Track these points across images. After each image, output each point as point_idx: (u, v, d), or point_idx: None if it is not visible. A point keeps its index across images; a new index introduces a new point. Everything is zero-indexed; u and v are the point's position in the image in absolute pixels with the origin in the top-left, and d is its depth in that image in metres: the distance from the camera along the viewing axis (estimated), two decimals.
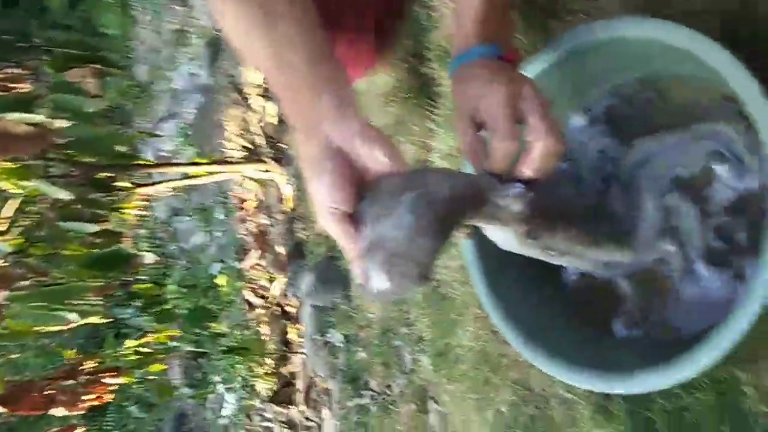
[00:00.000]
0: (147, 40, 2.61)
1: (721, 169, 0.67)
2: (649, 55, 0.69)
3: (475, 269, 0.80)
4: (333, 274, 1.33)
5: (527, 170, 0.58)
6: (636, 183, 0.72)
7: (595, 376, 0.68)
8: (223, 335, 1.99)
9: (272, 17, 0.52)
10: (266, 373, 1.93)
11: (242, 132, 2.09)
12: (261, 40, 0.53)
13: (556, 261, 0.70)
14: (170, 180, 2.07)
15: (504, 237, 0.62)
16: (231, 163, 1.96)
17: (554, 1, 0.84)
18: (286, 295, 1.90)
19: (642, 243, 0.70)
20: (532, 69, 0.73)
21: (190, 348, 1.72)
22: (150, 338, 1.95)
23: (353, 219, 0.52)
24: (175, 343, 1.77)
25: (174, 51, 2.43)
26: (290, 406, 1.74)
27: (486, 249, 0.78)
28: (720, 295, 0.67)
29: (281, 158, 1.81)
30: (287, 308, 1.94)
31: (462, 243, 0.80)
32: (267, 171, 1.86)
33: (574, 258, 0.71)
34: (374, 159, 0.52)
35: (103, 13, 2.56)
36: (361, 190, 0.53)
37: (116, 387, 1.75)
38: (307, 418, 1.64)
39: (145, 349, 1.89)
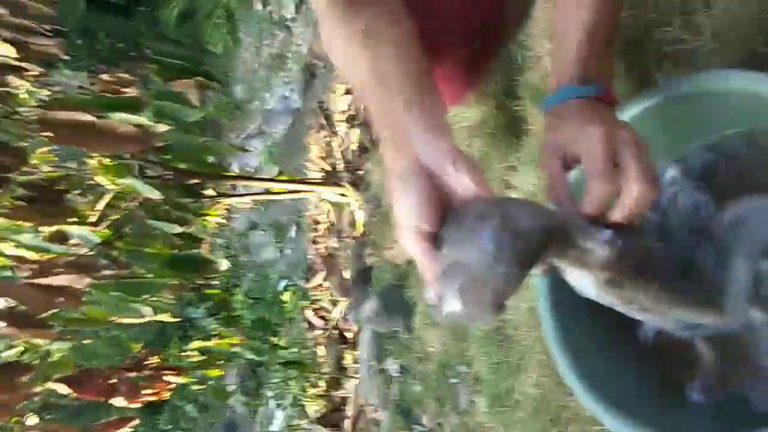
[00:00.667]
0: (248, 61, 2.74)
1: None
2: (755, 111, 0.66)
3: (547, 313, 0.77)
4: (396, 301, 1.33)
5: (618, 215, 0.56)
6: (728, 244, 0.69)
7: None
8: (282, 348, 2.01)
9: (375, 37, 0.54)
10: (318, 395, 1.93)
11: (324, 155, 2.14)
12: (362, 56, 0.54)
13: (636, 315, 0.67)
14: (252, 194, 2.14)
15: (584, 282, 0.60)
16: (310, 183, 2.00)
17: (659, 46, 0.82)
18: (346, 320, 1.91)
19: (729, 307, 0.66)
20: (627, 114, 0.71)
21: (249, 357, 1.75)
22: (213, 343, 2.00)
23: (434, 240, 0.52)
24: (236, 350, 1.80)
25: (271, 73, 2.54)
26: (337, 431, 1.73)
27: (561, 294, 0.76)
28: None
29: (359, 184, 1.84)
30: (346, 333, 1.95)
31: (536, 284, 0.78)
32: (343, 195, 1.89)
33: (656, 314, 0.68)
34: (461, 183, 0.51)
35: (211, 32, 2.71)
36: (445, 213, 0.52)
37: (175, 385, 1.80)
38: None
39: (207, 354, 1.93)
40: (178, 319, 1.87)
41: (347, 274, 1.91)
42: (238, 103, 2.66)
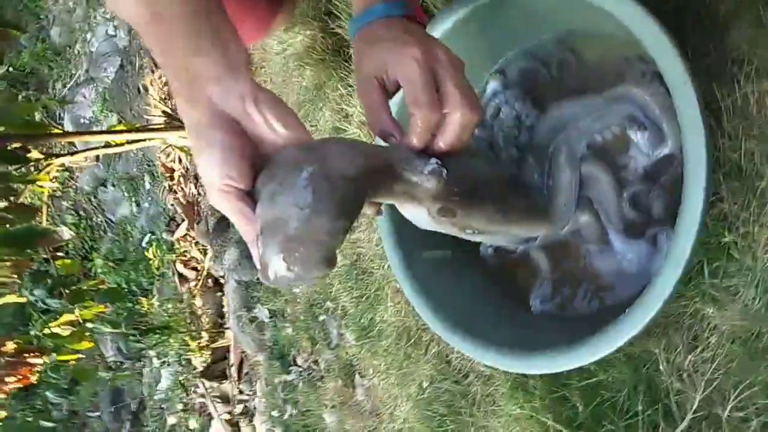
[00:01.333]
0: (60, 0, 2.43)
1: (636, 135, 0.63)
2: (563, 12, 0.64)
3: (391, 247, 0.75)
4: None
5: (442, 144, 0.53)
6: (551, 151, 0.68)
7: (511, 356, 0.65)
8: (152, 311, 1.92)
9: None
10: (200, 347, 1.87)
11: (164, 97, 1.97)
12: None
13: (473, 238, 0.66)
14: (88, 149, 1.95)
15: (418, 215, 0.58)
16: (153, 129, 1.85)
17: None
18: (217, 269, 1.83)
19: (559, 215, 0.67)
20: (439, 28, 0.67)
21: (116, 329, 1.64)
22: (75, 316, 1.86)
23: (250, 197, 0.46)
24: (101, 324, 1.68)
25: (89, 10, 2.27)
26: (223, 381, 1.69)
27: (401, 223, 0.74)
28: (636, 268, 0.65)
29: None
30: (221, 280, 1.88)
31: (379, 221, 0.75)
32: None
33: (491, 235, 0.67)
34: (269, 127, 0.45)
35: None
36: (258, 164, 0.46)
37: (40, 367, 1.67)
38: (241, 392, 1.60)
39: (71, 328, 1.80)
40: (32, 298, 1.71)
41: (212, 222, 1.82)
42: (57, 48, 2.37)
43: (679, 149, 0.61)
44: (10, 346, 1.69)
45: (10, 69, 2.32)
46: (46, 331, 1.64)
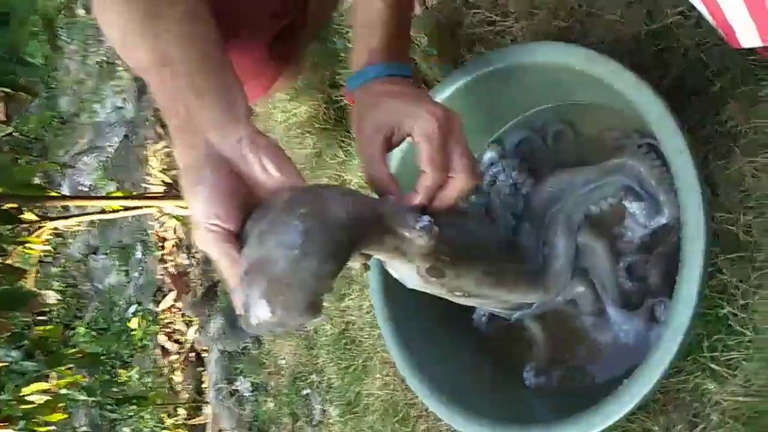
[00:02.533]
0: (73, 71, 2.51)
1: (632, 206, 0.63)
2: (563, 84, 0.66)
3: (381, 311, 0.73)
4: None
5: (438, 204, 0.53)
6: (548, 220, 0.68)
7: (504, 430, 0.62)
8: (130, 382, 1.84)
9: (157, 10, 0.46)
10: (176, 425, 1.79)
11: (165, 167, 1.99)
12: (142, 34, 0.46)
13: (463, 301, 0.65)
14: (84, 214, 1.94)
15: (407, 274, 0.56)
16: (150, 197, 1.85)
17: (469, 30, 0.81)
18: (201, 341, 1.78)
19: (553, 283, 0.66)
20: (440, 96, 0.69)
21: (91, 397, 1.57)
22: (51, 385, 1.79)
23: (237, 240, 0.45)
24: (76, 391, 1.61)
25: (100, 83, 2.34)
26: None
27: (394, 289, 0.72)
28: (633, 340, 0.63)
29: None
30: (203, 354, 1.82)
31: (370, 283, 0.74)
32: (187, 207, 1.76)
33: (482, 299, 0.65)
34: (264, 171, 0.45)
35: (27, 41, 2.45)
36: (249, 208, 0.45)
37: None
38: None
39: (45, 396, 1.73)
40: (8, 359, 1.64)
41: (201, 292, 1.79)
42: (64, 116, 2.42)
43: (676, 219, 0.60)
44: None
45: (15, 133, 2.36)
46: (19, 395, 1.57)
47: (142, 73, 0.49)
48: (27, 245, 1.73)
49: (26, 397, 1.69)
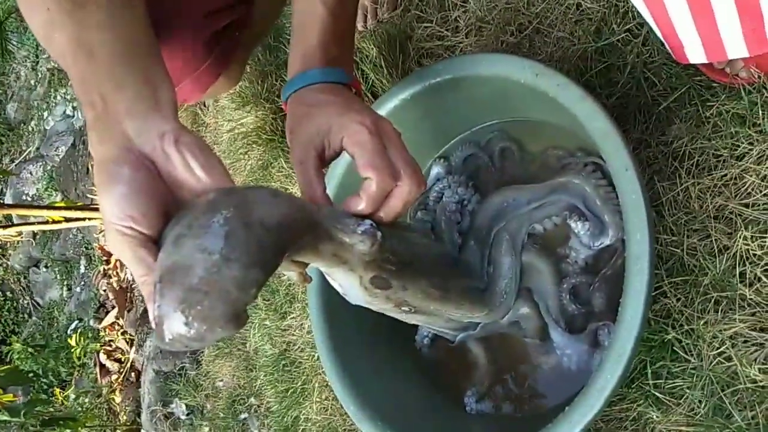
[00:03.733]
0: (22, 78, 2.42)
1: (577, 226, 0.61)
2: (508, 98, 0.64)
3: (320, 329, 0.70)
4: None
5: (384, 214, 0.50)
6: (493, 237, 0.65)
7: None
8: (66, 403, 1.75)
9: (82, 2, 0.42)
10: None
11: None
12: (62, 22, 0.42)
13: (410, 319, 0.61)
14: (24, 224, 1.86)
15: (350, 286, 0.53)
16: (94, 209, 1.78)
17: (419, 44, 0.79)
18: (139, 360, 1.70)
19: (498, 302, 0.63)
20: (385, 108, 0.66)
21: (14, 417, 1.48)
22: None
23: (153, 243, 0.41)
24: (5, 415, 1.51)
25: (50, 90, 2.26)
26: None
27: (335, 307, 0.69)
28: (576, 364, 0.60)
29: None
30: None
31: (309, 301, 0.70)
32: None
33: (429, 316, 0.62)
34: (188, 171, 0.41)
35: None
36: (170, 211, 0.41)
37: None
38: None
39: None
40: None
41: (142, 308, 1.71)
42: (11, 123, 2.33)
43: (620, 241, 0.59)
44: None
45: None
46: None
47: (62, 62, 0.44)
48: None
49: None
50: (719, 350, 0.52)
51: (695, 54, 0.50)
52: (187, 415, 1.15)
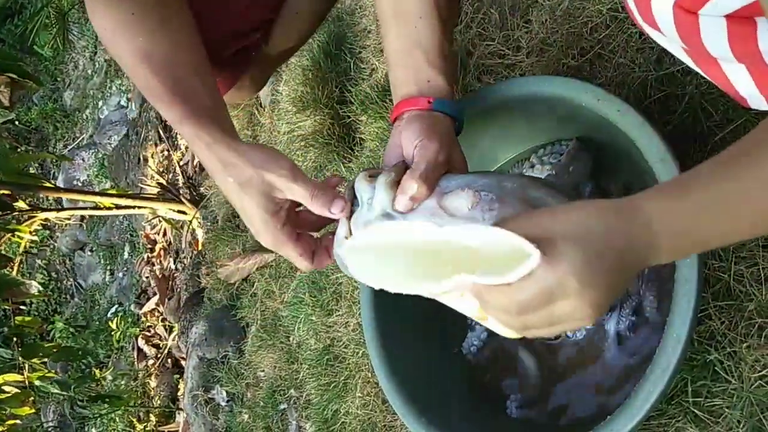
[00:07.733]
0: (80, 67, 2.52)
1: None
2: (575, 119, 0.66)
3: (369, 325, 0.73)
4: (227, 324, 1.23)
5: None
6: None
7: None
8: (103, 382, 1.82)
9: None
10: (146, 430, 1.76)
11: (163, 170, 1.99)
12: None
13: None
14: (74, 208, 1.93)
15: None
16: (145, 198, 1.84)
17: (480, 61, 0.82)
18: (180, 347, 1.76)
19: None
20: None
21: (65, 391, 1.54)
22: (24, 377, 1.76)
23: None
24: (48, 384, 1.58)
25: (107, 80, 2.35)
26: None
27: (384, 305, 0.72)
28: (622, 377, 0.63)
29: (199, 201, 1.72)
30: (182, 361, 1.80)
31: (361, 297, 0.73)
32: (182, 212, 1.75)
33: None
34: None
35: (38, 31, 2.46)
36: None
37: None
38: None
39: (15, 389, 1.69)
40: None
41: (185, 297, 1.77)
42: (67, 110, 2.42)
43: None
44: None
45: (17, 122, 2.35)
46: None
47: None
48: (16, 233, 1.72)
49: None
50: (761, 374, 0.54)
51: (756, 102, 0.52)
52: (227, 401, 1.19)
